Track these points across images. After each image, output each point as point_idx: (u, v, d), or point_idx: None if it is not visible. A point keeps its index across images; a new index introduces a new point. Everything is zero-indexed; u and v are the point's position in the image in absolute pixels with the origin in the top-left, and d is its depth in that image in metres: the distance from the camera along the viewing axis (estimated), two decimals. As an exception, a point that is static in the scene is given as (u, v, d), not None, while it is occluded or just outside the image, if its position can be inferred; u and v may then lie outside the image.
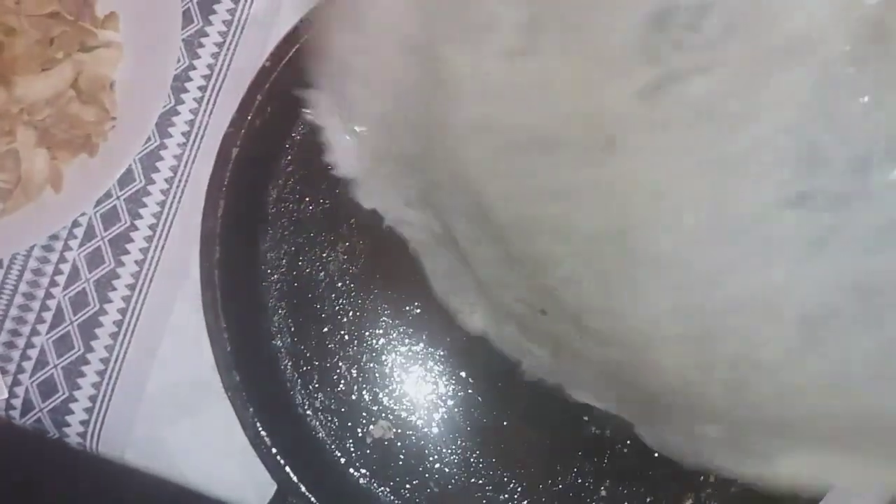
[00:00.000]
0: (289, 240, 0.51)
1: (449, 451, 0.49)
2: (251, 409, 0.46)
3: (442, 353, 0.50)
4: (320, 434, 0.49)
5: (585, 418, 0.49)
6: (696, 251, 0.31)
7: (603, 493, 0.49)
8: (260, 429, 0.45)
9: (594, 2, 0.30)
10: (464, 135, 0.35)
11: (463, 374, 0.50)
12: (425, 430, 0.49)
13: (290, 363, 0.50)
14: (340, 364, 0.50)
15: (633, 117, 0.30)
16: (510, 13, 0.32)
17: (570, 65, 0.31)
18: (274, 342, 0.50)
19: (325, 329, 0.50)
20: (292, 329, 0.50)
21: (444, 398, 0.50)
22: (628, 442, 0.49)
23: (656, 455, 0.49)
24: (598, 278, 0.34)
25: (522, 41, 0.32)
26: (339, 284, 0.51)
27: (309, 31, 0.48)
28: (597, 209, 0.32)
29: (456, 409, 0.50)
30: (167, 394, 0.51)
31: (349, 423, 0.49)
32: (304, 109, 0.43)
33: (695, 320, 0.32)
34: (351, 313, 0.50)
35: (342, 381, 0.50)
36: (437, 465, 0.49)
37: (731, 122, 0.29)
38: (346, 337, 0.50)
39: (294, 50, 0.48)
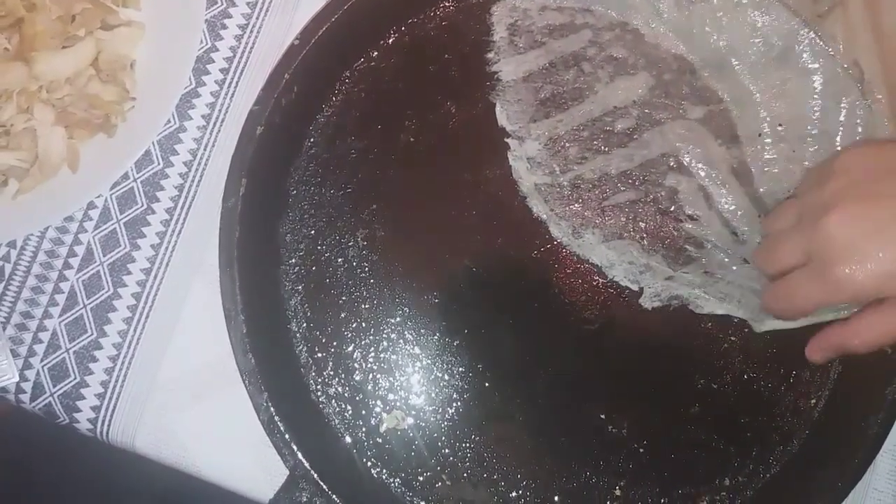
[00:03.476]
0: (309, 223, 0.50)
1: (462, 444, 0.48)
2: (266, 394, 0.44)
3: (459, 343, 0.49)
4: (334, 422, 0.48)
5: (602, 416, 0.49)
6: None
7: (617, 492, 0.48)
8: (274, 413, 0.44)
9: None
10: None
11: (480, 366, 0.49)
12: (439, 422, 0.48)
13: (305, 349, 0.49)
14: (356, 352, 0.49)
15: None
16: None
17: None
18: (289, 326, 0.49)
19: (342, 315, 0.49)
20: (308, 314, 0.49)
21: (459, 390, 0.49)
22: (644, 441, 0.49)
23: (672, 455, 0.49)
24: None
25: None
26: (358, 271, 0.50)
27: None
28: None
29: (471, 403, 0.49)
30: (180, 381, 0.50)
31: (363, 412, 0.48)
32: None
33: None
34: (368, 301, 0.49)
35: (357, 369, 0.49)
36: (450, 458, 0.48)
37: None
38: (363, 324, 0.49)
39: (324, 29, 0.48)
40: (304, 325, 0.49)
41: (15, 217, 0.49)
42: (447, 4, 0.52)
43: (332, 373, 0.49)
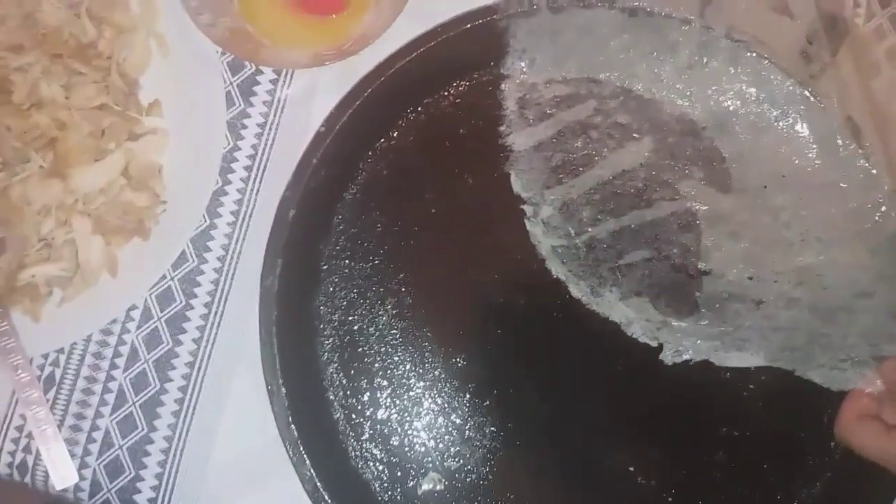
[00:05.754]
0: (340, 295, 0.53)
1: (498, 502, 0.50)
2: (308, 463, 0.47)
3: (489, 404, 0.51)
4: (374, 486, 0.50)
5: (631, 468, 0.51)
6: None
7: (649, 541, 0.50)
8: (318, 482, 0.47)
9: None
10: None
11: (510, 425, 0.51)
12: (475, 481, 0.50)
13: (342, 416, 0.51)
14: (391, 416, 0.51)
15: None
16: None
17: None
18: (326, 395, 0.51)
19: (376, 382, 0.52)
20: (344, 382, 0.51)
21: (492, 450, 0.51)
22: (673, 490, 0.50)
23: (700, 503, 0.50)
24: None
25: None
26: (389, 338, 0.52)
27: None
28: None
29: (504, 461, 0.51)
30: (232, 466, 0.52)
31: (399, 474, 0.51)
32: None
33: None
34: (401, 366, 0.52)
35: (393, 434, 0.51)
36: (486, 517, 0.50)
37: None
38: (397, 389, 0.52)
39: (347, 115, 0.51)
40: (341, 393, 0.51)
41: (62, 325, 0.52)
42: (460, 83, 0.55)
43: (368, 438, 0.51)
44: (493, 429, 0.51)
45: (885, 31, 0.54)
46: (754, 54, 0.53)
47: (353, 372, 0.52)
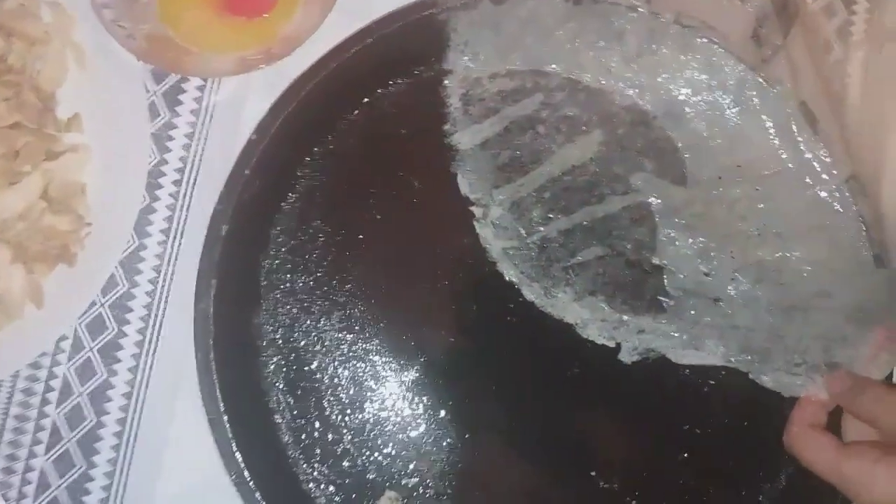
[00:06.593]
0: (283, 312, 0.50)
1: (458, 517, 0.49)
2: (257, 493, 0.45)
3: (444, 416, 0.50)
4: (327, 510, 0.48)
5: (593, 473, 0.49)
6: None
7: (613, 548, 0.49)
8: (267, 512, 0.45)
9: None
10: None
11: (468, 436, 0.50)
12: (433, 497, 0.49)
13: (291, 439, 0.49)
14: (343, 435, 0.49)
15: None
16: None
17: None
18: (273, 418, 0.49)
19: (325, 401, 0.50)
20: (291, 403, 0.49)
21: (451, 463, 0.49)
22: (637, 493, 0.49)
23: (664, 504, 0.49)
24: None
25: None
26: (337, 353, 0.50)
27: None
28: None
29: (463, 474, 0.49)
30: (179, 499, 0.49)
31: (354, 496, 0.49)
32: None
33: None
34: (351, 382, 0.50)
35: (346, 455, 0.49)
36: (447, 533, 0.49)
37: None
38: (347, 407, 0.50)
39: (280, 120, 0.48)
40: (289, 414, 0.49)
41: (-15, 363, 0.48)
42: (399, 81, 0.53)
43: (320, 460, 0.49)
44: (449, 441, 0.49)
45: (835, 8, 0.53)
46: (705, 40, 0.51)
47: (300, 392, 0.49)
